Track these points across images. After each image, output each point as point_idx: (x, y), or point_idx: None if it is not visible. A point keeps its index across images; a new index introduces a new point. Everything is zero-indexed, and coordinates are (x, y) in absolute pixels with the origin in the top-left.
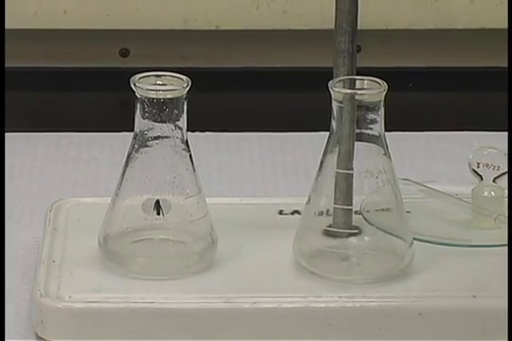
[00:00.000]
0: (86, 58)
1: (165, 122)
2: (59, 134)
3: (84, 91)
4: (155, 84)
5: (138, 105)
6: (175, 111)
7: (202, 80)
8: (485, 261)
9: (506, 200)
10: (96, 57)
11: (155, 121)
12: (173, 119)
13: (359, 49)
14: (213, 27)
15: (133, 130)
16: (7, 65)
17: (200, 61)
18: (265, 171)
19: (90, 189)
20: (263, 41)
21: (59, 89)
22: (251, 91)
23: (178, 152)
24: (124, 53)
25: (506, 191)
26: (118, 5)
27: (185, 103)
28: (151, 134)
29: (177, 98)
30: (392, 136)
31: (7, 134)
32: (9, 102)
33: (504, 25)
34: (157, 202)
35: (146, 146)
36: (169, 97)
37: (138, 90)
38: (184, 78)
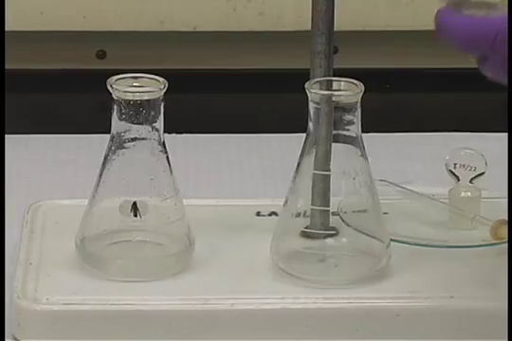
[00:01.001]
0: (63, 59)
1: (142, 124)
2: (36, 135)
3: (61, 93)
4: (132, 86)
5: (115, 107)
6: (152, 112)
7: (179, 82)
8: (462, 262)
9: (483, 201)
10: (73, 59)
11: (132, 123)
12: (149, 121)
13: (336, 50)
14: (190, 29)
15: (110, 132)
16: None
17: (177, 62)
18: (243, 173)
19: (67, 191)
20: (239, 42)
21: (36, 91)
22: (228, 92)
23: (155, 153)
24: (101, 55)
25: (483, 192)
26: (96, 6)
27: (162, 105)
28: (128, 135)
29: (154, 99)
30: (368, 138)
31: None
32: None
33: None
34: (134, 204)
35: (123, 148)
36: (145, 98)
37: (115, 92)
38: (161, 79)
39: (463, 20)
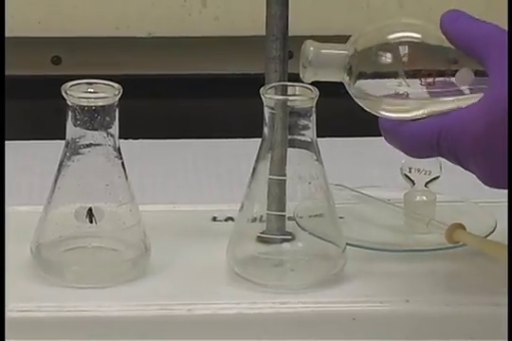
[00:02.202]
0: (18, 65)
1: (97, 130)
2: None
3: (17, 99)
4: (87, 92)
5: (70, 113)
6: (107, 118)
7: (135, 87)
8: (418, 266)
9: (438, 205)
10: (28, 65)
11: (87, 129)
12: (104, 127)
13: (291, 56)
14: (145, 35)
15: (65, 138)
16: None
17: (133, 68)
18: (199, 178)
19: (23, 198)
20: (195, 47)
21: None
22: (184, 98)
23: (110, 159)
24: (56, 61)
25: (438, 196)
26: (50, 12)
27: (116, 111)
28: (83, 141)
29: (109, 105)
30: (324, 142)
31: None
32: None
33: None
34: (90, 210)
35: (78, 154)
36: (100, 104)
37: (70, 98)
38: (115, 85)
39: (403, 130)
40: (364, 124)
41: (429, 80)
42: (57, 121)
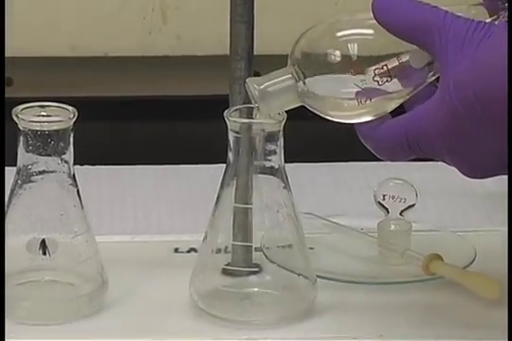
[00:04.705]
0: None
1: (50, 156)
2: None
3: None
4: (39, 115)
5: (21, 138)
6: (61, 143)
7: (91, 110)
8: (392, 299)
9: (414, 234)
10: None
11: (40, 155)
12: (58, 152)
13: (258, 76)
14: (102, 54)
15: (16, 164)
16: None
17: (89, 89)
18: (159, 207)
19: None
20: (155, 68)
21: None
22: (144, 121)
23: (65, 187)
24: (8, 82)
25: (413, 225)
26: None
27: (71, 135)
28: (35, 168)
29: (63, 129)
30: (292, 168)
31: None
32: None
33: None
34: (43, 241)
35: (30, 181)
36: (54, 128)
37: (21, 122)
38: (70, 108)
39: (376, 132)
40: (335, 149)
41: (385, 77)
42: (8, 147)
